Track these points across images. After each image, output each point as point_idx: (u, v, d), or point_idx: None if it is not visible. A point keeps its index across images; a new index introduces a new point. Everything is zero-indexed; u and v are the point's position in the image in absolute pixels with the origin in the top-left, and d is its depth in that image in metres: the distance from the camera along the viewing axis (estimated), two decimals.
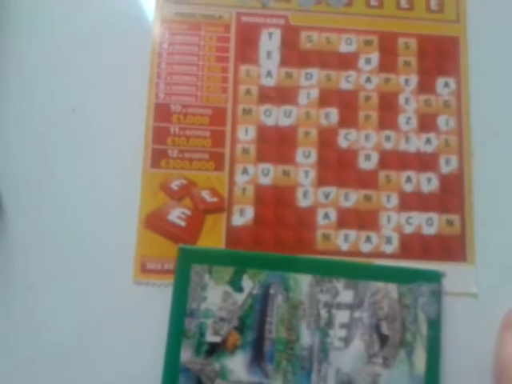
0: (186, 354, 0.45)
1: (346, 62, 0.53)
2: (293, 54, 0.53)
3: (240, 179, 0.50)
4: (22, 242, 0.48)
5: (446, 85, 0.53)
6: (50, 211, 0.49)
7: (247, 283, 0.47)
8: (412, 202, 0.50)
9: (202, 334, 0.46)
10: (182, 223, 0.49)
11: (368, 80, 0.53)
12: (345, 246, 0.49)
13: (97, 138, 0.50)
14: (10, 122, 0.50)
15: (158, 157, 0.50)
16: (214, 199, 0.50)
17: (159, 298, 0.47)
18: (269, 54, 0.53)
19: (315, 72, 0.53)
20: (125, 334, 0.47)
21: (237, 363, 0.45)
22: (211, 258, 0.47)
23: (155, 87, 0.51)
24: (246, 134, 0.51)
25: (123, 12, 0.53)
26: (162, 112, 0.51)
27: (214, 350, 0.45)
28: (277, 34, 0.53)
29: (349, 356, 0.46)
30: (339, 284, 0.47)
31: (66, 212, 0.49)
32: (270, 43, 0.53)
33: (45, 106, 0.51)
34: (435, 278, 0.48)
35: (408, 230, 0.50)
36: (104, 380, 0.46)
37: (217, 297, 0.46)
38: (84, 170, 0.50)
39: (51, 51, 0.52)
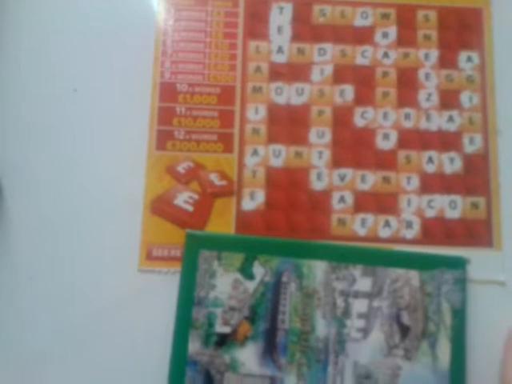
0: (193, 346, 0.43)
1: (362, 36, 0.51)
2: (305, 29, 0.51)
3: (250, 161, 0.48)
4: (23, 231, 0.46)
5: (469, 59, 0.50)
6: (51, 198, 0.47)
7: (258, 270, 0.45)
8: (434, 183, 0.48)
9: (211, 325, 0.44)
10: (190, 208, 0.47)
11: (385, 55, 0.50)
12: (362, 232, 0.47)
13: (99, 120, 0.49)
14: (9, 107, 0.48)
15: (163, 139, 0.48)
16: (223, 182, 0.48)
17: (166, 287, 0.45)
18: (280, 29, 0.51)
19: (329, 47, 0.50)
20: (129, 325, 0.45)
21: (248, 355, 0.43)
22: (220, 244, 0.45)
23: (160, 66, 0.50)
24: (256, 114, 0.49)
25: None
26: (167, 91, 0.49)
27: (223, 341, 0.44)
28: (288, 7, 0.51)
29: (367, 348, 0.44)
30: (356, 271, 0.45)
31: (68, 199, 0.47)
32: (280, 17, 0.51)
33: (46, 86, 0.49)
34: (459, 264, 0.45)
35: (430, 213, 0.48)
36: (107, 373, 0.44)
37: (226, 285, 0.44)
38: (86, 153, 0.48)
39: (52, 30, 0.50)
